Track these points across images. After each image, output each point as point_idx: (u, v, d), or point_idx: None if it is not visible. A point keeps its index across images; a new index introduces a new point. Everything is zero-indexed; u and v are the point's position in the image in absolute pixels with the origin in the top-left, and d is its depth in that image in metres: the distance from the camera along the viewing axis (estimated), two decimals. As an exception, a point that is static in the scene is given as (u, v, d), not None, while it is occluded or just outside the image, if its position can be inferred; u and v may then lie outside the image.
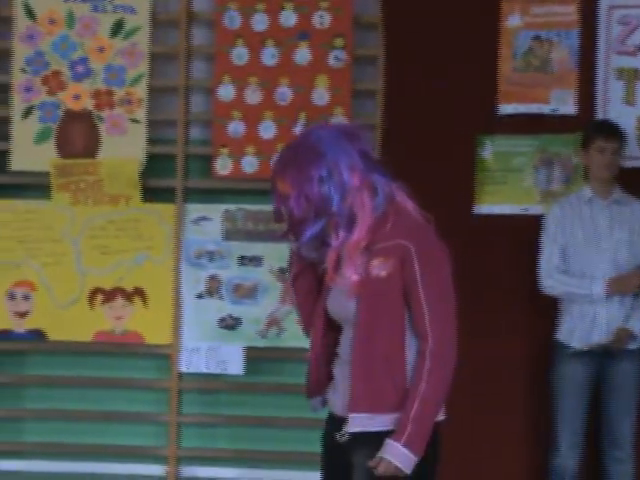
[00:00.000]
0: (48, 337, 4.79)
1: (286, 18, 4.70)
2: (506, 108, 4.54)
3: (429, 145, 4.48)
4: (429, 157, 4.47)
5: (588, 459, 4.25)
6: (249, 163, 4.72)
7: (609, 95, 4.49)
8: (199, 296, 4.76)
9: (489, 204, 4.55)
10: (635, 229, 4.18)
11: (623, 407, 4.17)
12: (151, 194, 4.77)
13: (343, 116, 4.63)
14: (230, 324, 4.74)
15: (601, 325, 4.12)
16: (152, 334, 4.75)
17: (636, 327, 4.12)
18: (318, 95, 4.68)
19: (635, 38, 4.49)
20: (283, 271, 4.54)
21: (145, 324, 4.75)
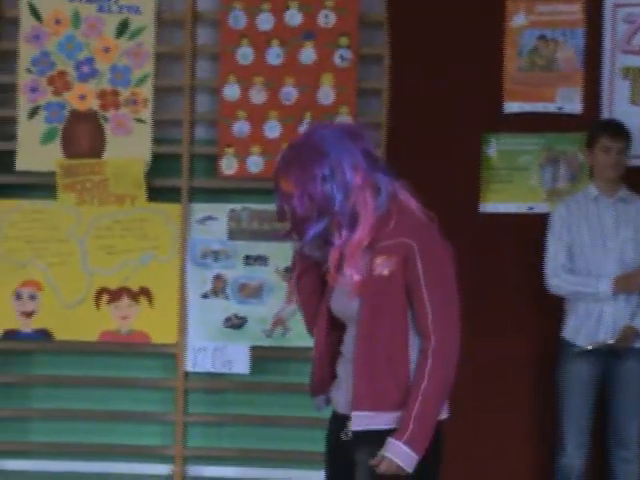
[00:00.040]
0: (54, 337, 4.79)
1: (291, 17, 4.70)
2: (511, 106, 4.53)
3: (434, 144, 4.47)
4: (434, 156, 4.46)
5: (594, 459, 4.24)
6: (254, 163, 4.73)
7: (615, 94, 4.48)
8: (205, 296, 4.76)
9: (494, 202, 4.54)
10: (641, 227, 4.18)
11: (629, 406, 4.16)
12: (157, 194, 4.78)
13: (348, 115, 4.63)
14: (236, 323, 4.74)
15: (607, 323, 4.11)
16: (158, 334, 4.76)
17: (642, 325, 4.11)
18: (323, 94, 4.68)
19: (640, 37, 4.50)
20: (288, 270, 4.52)
21: (151, 324, 4.75)
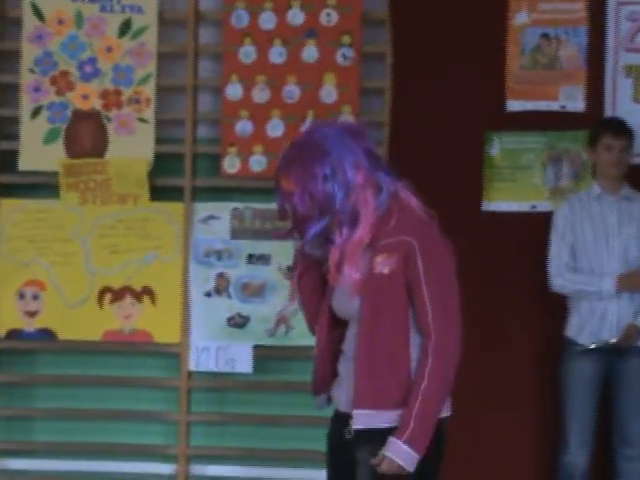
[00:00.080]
0: (58, 336, 4.79)
1: (293, 16, 4.70)
2: (514, 105, 4.53)
3: (437, 142, 4.47)
4: (437, 154, 4.46)
5: (598, 457, 4.24)
6: (257, 162, 4.72)
7: (618, 92, 4.48)
8: (208, 295, 4.76)
9: (497, 201, 4.54)
10: (644, 225, 4.18)
11: (633, 404, 4.16)
12: (159, 193, 4.78)
13: (351, 114, 4.62)
14: (239, 322, 4.74)
15: (611, 322, 4.11)
16: (161, 333, 4.75)
17: (646, 324, 4.11)
18: (326, 93, 4.67)
19: (643, 35, 4.49)
20: (291, 269, 4.54)
21: (154, 323, 4.75)
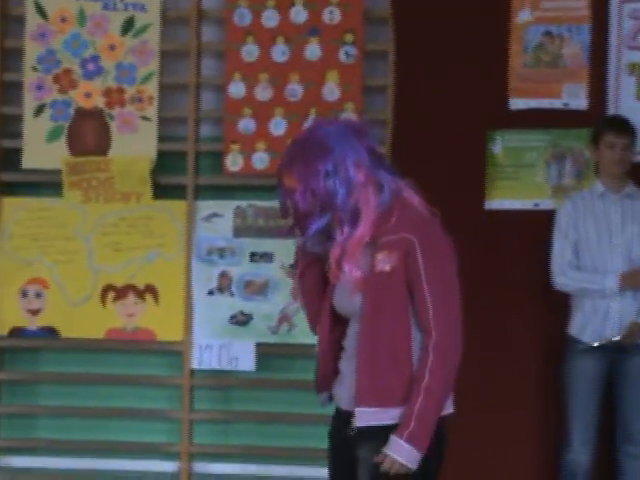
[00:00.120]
0: (60, 334, 4.80)
1: (296, 14, 4.70)
2: (517, 103, 4.53)
3: (440, 140, 4.47)
4: (440, 152, 4.46)
5: (602, 455, 4.24)
6: (260, 159, 4.73)
7: (620, 90, 4.47)
8: (210, 293, 4.76)
9: (500, 199, 4.54)
10: (647, 224, 4.17)
11: (636, 402, 4.15)
12: (162, 191, 4.78)
13: (354, 112, 4.62)
14: (241, 320, 4.75)
15: (614, 320, 4.11)
16: (164, 331, 4.76)
17: (649, 321, 4.11)
18: (329, 91, 4.67)
19: (646, 33, 4.49)
20: (293, 267, 4.54)
21: (157, 321, 4.76)
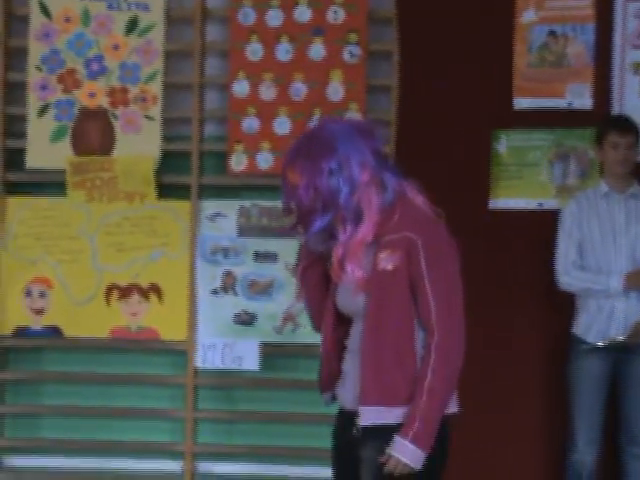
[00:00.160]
0: (64, 334, 4.80)
1: (300, 14, 4.70)
2: (521, 102, 4.52)
3: (444, 140, 4.47)
4: (444, 152, 4.45)
5: (606, 456, 4.23)
6: (264, 159, 4.73)
7: (625, 90, 4.47)
8: (214, 292, 4.76)
9: (504, 199, 4.53)
10: (652, 224, 4.16)
11: (641, 403, 4.15)
12: (166, 191, 4.78)
13: (357, 112, 4.62)
14: (245, 320, 4.75)
15: (618, 320, 4.10)
16: (168, 330, 4.76)
17: (653, 322, 4.10)
18: (333, 90, 4.67)
19: (651, 32, 4.48)
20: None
21: (161, 320, 4.76)
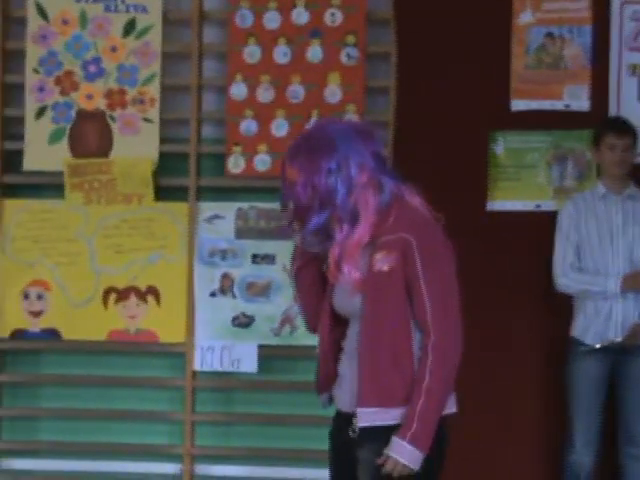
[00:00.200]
0: (62, 336, 4.79)
1: (298, 16, 4.70)
2: (519, 104, 4.53)
3: (441, 142, 4.47)
4: (442, 154, 4.46)
5: (604, 457, 4.23)
6: (262, 161, 4.73)
7: (622, 91, 4.48)
8: (212, 294, 4.76)
9: (502, 200, 4.54)
10: (650, 225, 4.17)
11: (639, 404, 4.15)
12: (164, 193, 4.78)
13: (355, 113, 4.62)
14: (243, 322, 4.74)
15: (616, 322, 4.11)
16: (166, 333, 4.76)
17: (651, 323, 4.11)
18: (330, 92, 4.67)
19: (647, 34, 4.49)
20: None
21: (159, 323, 4.75)
